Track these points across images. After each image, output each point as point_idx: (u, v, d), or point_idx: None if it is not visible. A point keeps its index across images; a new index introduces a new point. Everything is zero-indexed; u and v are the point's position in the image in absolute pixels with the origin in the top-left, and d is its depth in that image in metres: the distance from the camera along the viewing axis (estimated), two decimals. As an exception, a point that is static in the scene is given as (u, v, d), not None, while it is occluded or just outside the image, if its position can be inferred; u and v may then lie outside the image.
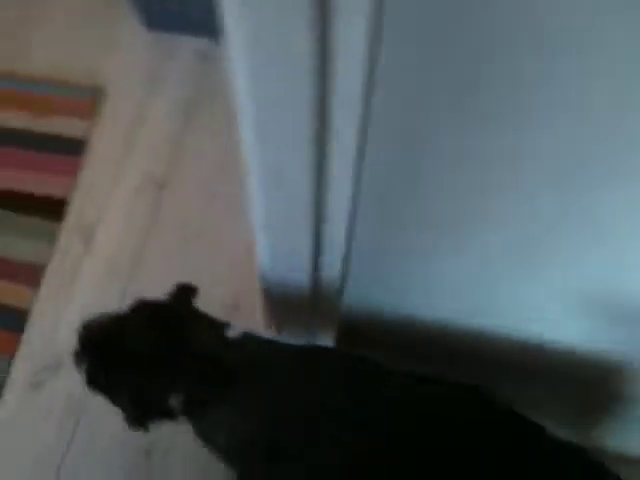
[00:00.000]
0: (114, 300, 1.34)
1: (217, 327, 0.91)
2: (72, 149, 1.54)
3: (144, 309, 0.94)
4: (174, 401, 0.86)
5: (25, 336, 1.34)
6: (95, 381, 0.92)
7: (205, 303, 0.95)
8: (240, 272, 1.35)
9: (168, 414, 0.88)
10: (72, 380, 1.21)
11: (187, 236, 1.45)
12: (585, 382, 1.02)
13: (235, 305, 1.32)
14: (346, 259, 0.82)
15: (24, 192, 1.50)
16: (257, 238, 0.82)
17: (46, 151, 1.54)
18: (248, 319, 1.00)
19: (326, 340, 1.03)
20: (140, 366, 0.88)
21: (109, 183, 1.52)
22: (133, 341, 0.89)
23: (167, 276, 1.39)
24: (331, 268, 0.83)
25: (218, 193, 1.49)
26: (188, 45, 1.67)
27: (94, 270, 1.41)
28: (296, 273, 0.85)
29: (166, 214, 1.48)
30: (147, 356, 0.87)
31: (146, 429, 0.89)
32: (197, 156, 1.54)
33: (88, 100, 1.60)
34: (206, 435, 0.90)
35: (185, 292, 0.97)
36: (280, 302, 0.95)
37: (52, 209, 1.47)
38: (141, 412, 0.89)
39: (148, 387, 0.88)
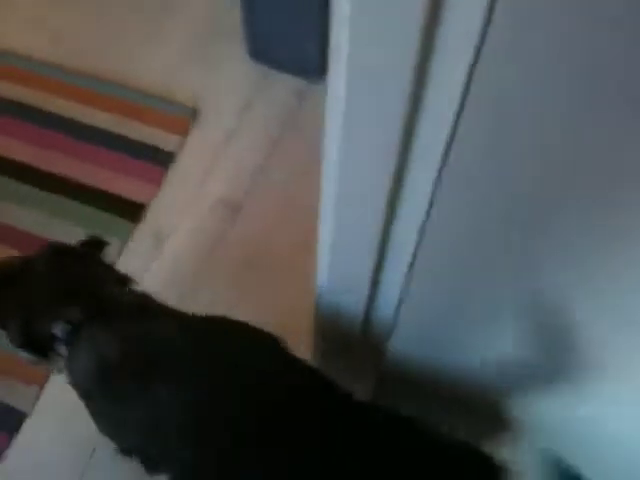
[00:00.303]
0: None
1: (119, 278, 1.02)
2: (161, 160, 1.63)
3: (50, 250, 1.04)
4: (58, 329, 0.95)
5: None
6: None
7: (256, 324, 0.98)
8: (295, 303, 1.39)
9: (51, 341, 0.96)
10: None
11: (250, 259, 1.50)
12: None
13: (284, 332, 1.35)
14: (401, 297, 0.84)
15: (109, 190, 1.59)
16: (320, 263, 0.85)
17: (136, 157, 1.63)
18: (295, 347, 1.03)
19: (364, 383, 1.04)
20: (32, 297, 0.98)
21: (188, 197, 1.59)
22: (30, 275, 1.00)
23: (224, 293, 1.46)
24: (385, 304, 0.85)
25: (288, 225, 1.54)
26: (285, 81, 1.76)
27: (159, 275, 1.48)
28: (351, 301, 0.88)
29: (235, 236, 1.53)
30: (40, 289, 0.98)
31: (29, 353, 0.99)
32: (274, 187, 1.61)
33: (184, 117, 1.70)
34: (75, 363, 0.97)
35: (95, 243, 1.09)
36: (330, 330, 0.98)
37: (131, 211, 1.56)
38: (26, 337, 0.98)
39: (35, 315, 0.97)
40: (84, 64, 1.76)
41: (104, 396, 0.95)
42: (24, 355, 1.01)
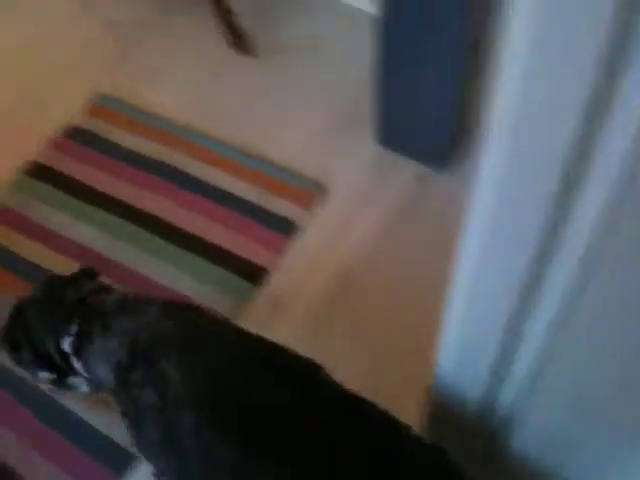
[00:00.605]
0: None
1: (105, 288, 1.18)
2: (286, 229, 1.73)
3: (45, 282, 1.22)
4: (66, 345, 1.10)
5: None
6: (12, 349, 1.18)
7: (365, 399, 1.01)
8: (406, 379, 1.41)
9: (67, 360, 1.11)
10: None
11: (364, 334, 1.54)
12: None
13: (393, 408, 1.36)
14: (527, 390, 0.84)
15: (235, 252, 1.69)
16: (443, 343, 0.88)
17: (264, 224, 1.74)
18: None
19: (475, 466, 1.03)
20: (37, 323, 1.14)
21: (307, 268, 1.67)
22: (33, 306, 1.17)
23: (335, 364, 1.49)
24: (508, 395, 0.86)
25: (403, 303, 1.58)
26: (410, 167, 1.83)
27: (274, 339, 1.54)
28: (472, 387, 0.90)
29: (350, 310, 1.59)
30: (42, 315, 1.14)
31: (48, 372, 1.14)
32: (392, 265, 1.66)
33: (311, 192, 1.80)
34: (90, 369, 1.11)
35: (88, 273, 1.24)
36: (444, 414, 0.99)
37: (254, 274, 1.65)
38: (42, 360, 1.13)
39: (44, 338, 1.12)
40: (225, 133, 1.92)
41: (124, 389, 1.04)
42: (44, 375, 1.15)
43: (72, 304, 1.12)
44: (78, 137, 1.92)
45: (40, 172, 1.85)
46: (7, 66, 2.11)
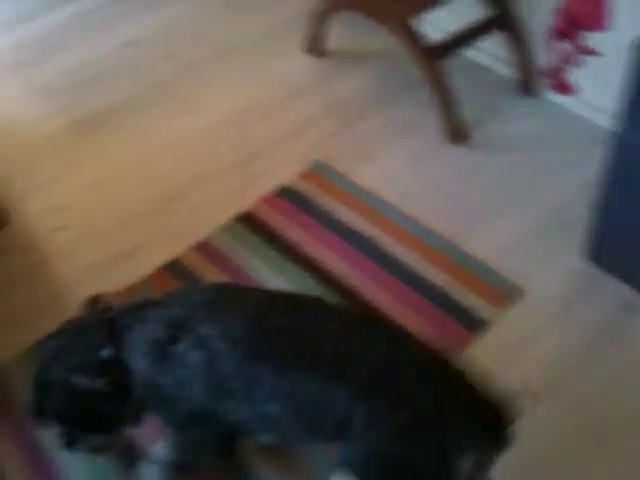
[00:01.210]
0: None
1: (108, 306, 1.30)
2: (472, 325, 1.68)
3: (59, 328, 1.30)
4: (104, 354, 1.20)
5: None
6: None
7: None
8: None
9: (109, 367, 1.20)
10: None
11: (537, 458, 1.42)
12: None
13: None
14: None
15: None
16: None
17: (451, 315, 1.71)
18: None
19: None
20: (73, 349, 1.22)
21: (486, 369, 1.59)
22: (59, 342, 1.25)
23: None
24: None
25: (584, 437, 1.46)
26: (617, 289, 1.72)
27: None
28: None
29: (531, 429, 1.48)
30: (75, 339, 1.23)
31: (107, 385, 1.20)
32: (576, 390, 1.55)
33: (506, 293, 1.74)
34: (133, 359, 1.20)
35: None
36: None
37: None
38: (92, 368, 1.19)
39: (84, 356, 1.21)
40: (429, 219, 1.94)
41: (162, 366, 1.18)
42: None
43: (97, 319, 1.24)
44: (289, 197, 2.04)
45: (249, 222, 1.98)
46: (242, 125, 2.31)
